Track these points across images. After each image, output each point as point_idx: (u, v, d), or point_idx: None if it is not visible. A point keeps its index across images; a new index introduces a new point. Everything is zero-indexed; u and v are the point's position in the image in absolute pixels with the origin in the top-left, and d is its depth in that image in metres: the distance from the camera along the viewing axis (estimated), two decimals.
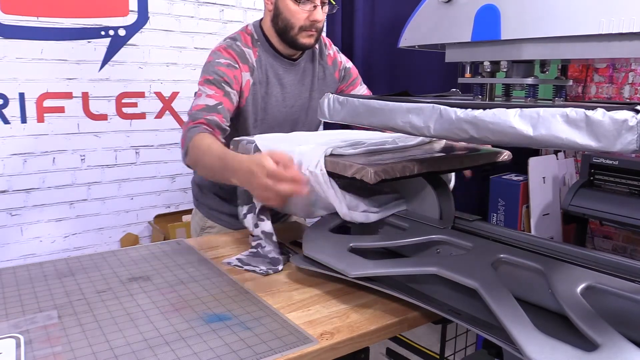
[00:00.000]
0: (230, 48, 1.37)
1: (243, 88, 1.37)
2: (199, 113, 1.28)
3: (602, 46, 0.70)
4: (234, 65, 1.35)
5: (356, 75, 1.61)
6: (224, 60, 1.34)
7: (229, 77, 1.33)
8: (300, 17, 1.33)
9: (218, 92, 1.31)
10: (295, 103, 1.48)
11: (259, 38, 1.42)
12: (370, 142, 1.14)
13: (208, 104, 1.29)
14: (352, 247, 0.98)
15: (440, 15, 0.87)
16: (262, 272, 1.07)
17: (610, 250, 2.66)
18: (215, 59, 1.35)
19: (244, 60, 1.37)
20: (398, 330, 0.92)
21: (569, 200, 2.22)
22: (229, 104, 1.33)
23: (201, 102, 1.30)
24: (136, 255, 1.18)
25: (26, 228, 2.52)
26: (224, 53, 1.36)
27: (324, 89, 1.52)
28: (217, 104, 1.30)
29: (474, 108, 0.74)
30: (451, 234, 0.99)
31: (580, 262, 0.84)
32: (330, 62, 1.54)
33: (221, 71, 1.33)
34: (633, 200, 2.08)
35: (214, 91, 1.31)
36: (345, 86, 1.60)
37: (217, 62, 1.34)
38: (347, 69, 1.58)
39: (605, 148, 0.62)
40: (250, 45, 1.40)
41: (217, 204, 1.56)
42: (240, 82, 1.36)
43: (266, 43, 1.42)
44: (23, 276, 1.05)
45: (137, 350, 0.78)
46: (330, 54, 1.55)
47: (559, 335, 0.67)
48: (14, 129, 2.43)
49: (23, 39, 2.39)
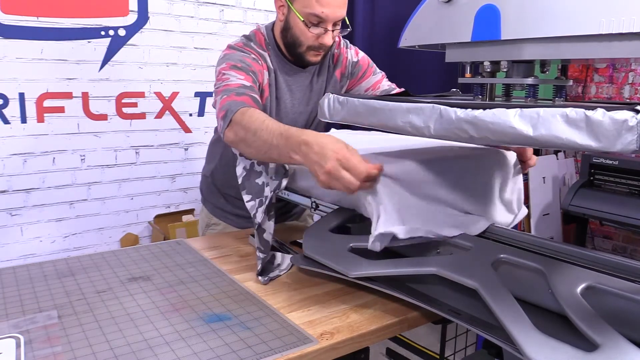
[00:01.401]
0: (249, 46, 1.33)
1: (264, 87, 1.33)
2: (240, 89, 1.19)
3: (602, 46, 0.70)
4: (258, 61, 1.31)
5: (367, 65, 1.54)
6: (248, 54, 1.30)
7: (255, 69, 1.28)
8: (309, 38, 1.29)
9: (248, 78, 1.24)
10: (304, 110, 1.46)
11: (270, 42, 1.39)
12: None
13: (244, 84, 1.21)
14: (352, 247, 0.98)
15: (440, 15, 0.87)
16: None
17: (610, 250, 2.66)
18: (238, 52, 1.30)
19: (263, 59, 1.34)
20: (398, 330, 0.92)
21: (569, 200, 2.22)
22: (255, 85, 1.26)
23: (234, 82, 1.21)
24: (136, 255, 1.18)
25: (26, 228, 2.52)
26: (245, 49, 1.32)
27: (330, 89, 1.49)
28: (252, 86, 1.23)
29: (474, 108, 0.74)
30: None
31: (580, 262, 0.84)
32: (335, 60, 1.52)
33: (247, 62, 1.27)
34: (633, 200, 2.08)
35: (243, 76, 1.23)
36: (356, 80, 1.54)
37: (242, 54, 1.29)
38: (354, 64, 1.53)
39: (605, 148, 0.62)
40: (264, 47, 1.37)
41: (222, 202, 1.56)
42: (262, 78, 1.32)
43: (276, 48, 1.39)
44: (23, 276, 1.05)
45: (137, 350, 0.78)
46: (336, 53, 1.52)
47: (559, 335, 0.67)
48: (14, 129, 2.43)
49: (23, 39, 2.39)
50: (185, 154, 2.96)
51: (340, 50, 1.51)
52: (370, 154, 1.09)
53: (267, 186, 1.16)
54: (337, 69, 1.52)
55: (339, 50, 1.51)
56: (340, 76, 1.52)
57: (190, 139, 2.96)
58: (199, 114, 2.97)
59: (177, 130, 2.90)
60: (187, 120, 2.93)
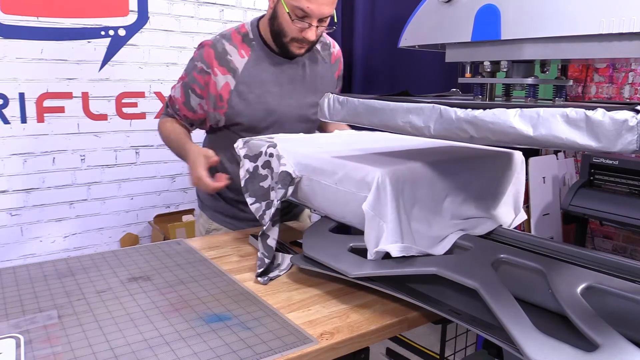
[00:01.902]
0: (214, 48, 1.38)
1: (220, 91, 1.38)
2: (169, 108, 1.50)
3: (602, 46, 0.70)
4: (207, 71, 1.38)
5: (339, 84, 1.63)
6: (200, 64, 1.39)
7: (198, 84, 1.40)
8: (293, 30, 1.31)
9: (182, 97, 1.43)
10: (296, 102, 1.47)
11: (254, 37, 1.41)
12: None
13: (174, 105, 1.47)
14: (352, 247, 0.98)
15: (440, 15, 0.87)
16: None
17: (610, 250, 2.66)
18: (194, 60, 1.41)
19: (222, 62, 1.37)
20: (398, 330, 0.92)
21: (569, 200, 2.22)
22: (187, 111, 1.45)
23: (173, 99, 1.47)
24: (136, 255, 1.18)
25: (26, 228, 2.53)
26: (204, 55, 1.38)
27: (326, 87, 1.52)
28: (178, 110, 1.47)
29: (474, 108, 0.74)
30: None
31: (580, 262, 0.84)
32: (333, 60, 1.54)
33: (193, 76, 1.40)
34: (633, 200, 2.08)
35: (180, 94, 1.44)
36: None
37: (194, 64, 1.40)
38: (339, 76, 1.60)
39: (605, 148, 0.62)
40: (238, 44, 1.39)
41: (222, 206, 1.56)
42: (212, 87, 1.38)
43: (261, 42, 1.41)
44: (23, 276, 1.05)
45: (137, 350, 0.78)
46: (334, 53, 1.54)
47: (559, 335, 0.67)
48: (14, 129, 2.43)
49: (23, 39, 2.39)
50: None
51: (338, 53, 1.55)
52: (373, 154, 1.09)
53: (272, 190, 1.15)
54: (336, 71, 1.55)
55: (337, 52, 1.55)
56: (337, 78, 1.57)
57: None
58: None
59: None
60: None
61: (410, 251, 0.90)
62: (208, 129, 1.52)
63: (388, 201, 0.91)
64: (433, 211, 0.99)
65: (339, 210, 1.05)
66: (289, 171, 1.10)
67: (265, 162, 1.17)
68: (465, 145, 1.19)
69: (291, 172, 1.11)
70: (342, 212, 1.05)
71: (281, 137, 1.28)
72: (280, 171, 1.11)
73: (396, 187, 0.92)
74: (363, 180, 0.95)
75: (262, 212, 1.15)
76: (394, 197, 0.92)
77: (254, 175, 1.19)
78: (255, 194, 1.17)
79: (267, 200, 1.15)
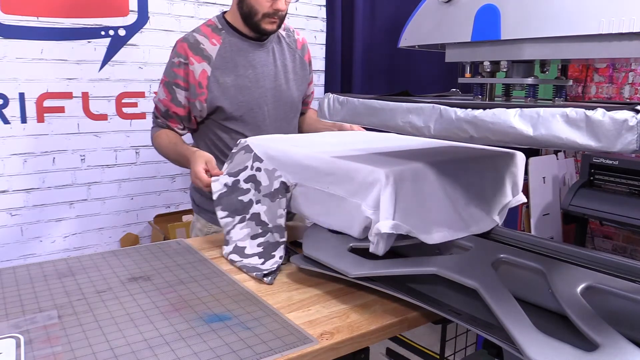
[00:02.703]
0: (186, 41, 1.46)
1: (199, 79, 1.45)
2: (158, 118, 1.55)
3: (602, 46, 0.70)
4: (184, 62, 1.45)
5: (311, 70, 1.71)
6: (177, 59, 1.46)
7: (180, 77, 1.46)
8: (264, 5, 1.39)
9: (168, 96, 1.48)
10: (271, 84, 1.54)
11: (223, 27, 1.49)
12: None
13: (161, 110, 1.52)
14: (352, 247, 0.98)
15: (440, 15, 0.87)
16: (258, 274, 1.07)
17: (610, 250, 2.66)
18: (171, 59, 1.48)
19: (197, 51, 1.45)
20: (398, 330, 0.92)
21: (569, 200, 2.22)
22: (176, 108, 1.49)
23: (158, 104, 1.52)
24: (136, 255, 1.18)
25: (26, 228, 2.52)
26: (178, 49, 1.46)
27: (298, 70, 1.61)
28: (167, 110, 1.50)
29: (474, 108, 0.74)
30: None
31: (580, 262, 0.84)
32: (299, 46, 1.63)
33: (173, 72, 1.47)
34: (633, 200, 2.08)
35: (165, 95, 1.49)
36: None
37: (172, 62, 1.48)
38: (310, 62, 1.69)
39: (605, 148, 0.62)
40: (208, 34, 1.48)
41: None
42: (191, 77, 1.45)
43: (231, 30, 1.49)
44: (23, 276, 1.05)
45: (137, 350, 0.78)
46: (299, 39, 1.64)
47: (559, 335, 0.67)
48: (14, 129, 2.42)
49: (23, 39, 2.39)
50: None
51: (303, 39, 1.65)
52: (376, 154, 1.09)
53: (257, 203, 1.17)
54: (305, 54, 1.65)
55: (301, 39, 1.65)
56: (308, 62, 1.67)
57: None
58: None
59: None
60: None
61: (400, 229, 0.90)
62: (195, 125, 1.57)
63: (390, 201, 0.91)
64: (434, 211, 0.99)
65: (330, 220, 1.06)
66: (284, 180, 1.13)
67: (249, 176, 1.19)
68: (465, 145, 1.19)
69: (285, 180, 1.13)
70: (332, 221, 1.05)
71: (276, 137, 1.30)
72: (278, 183, 1.14)
73: (398, 188, 0.92)
74: (364, 181, 0.95)
75: (231, 226, 1.18)
76: (396, 197, 0.92)
77: (233, 189, 1.21)
78: (228, 208, 1.20)
79: (244, 215, 1.17)
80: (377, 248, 0.93)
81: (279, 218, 1.13)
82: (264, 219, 1.15)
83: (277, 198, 1.14)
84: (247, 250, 1.14)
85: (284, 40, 1.60)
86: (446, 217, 1.00)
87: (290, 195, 1.14)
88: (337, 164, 1.02)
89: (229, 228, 1.18)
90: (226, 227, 1.19)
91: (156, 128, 1.57)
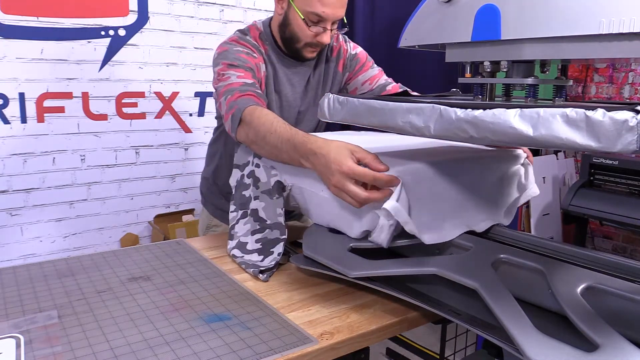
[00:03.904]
0: (243, 40, 1.33)
1: (262, 79, 1.33)
2: (243, 87, 1.17)
3: (602, 46, 0.70)
4: (253, 55, 1.30)
5: (364, 59, 1.54)
6: (242, 49, 1.29)
7: (251, 64, 1.27)
8: (308, 35, 1.30)
9: (247, 74, 1.23)
10: (303, 103, 1.47)
11: (267, 37, 1.39)
12: None
13: (246, 82, 1.20)
14: (352, 247, 0.98)
15: (440, 15, 0.87)
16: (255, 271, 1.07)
17: (610, 250, 2.66)
18: (232, 48, 1.29)
19: (259, 51, 1.34)
20: (398, 330, 0.92)
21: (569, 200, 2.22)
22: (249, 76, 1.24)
23: (235, 81, 1.20)
24: (136, 255, 1.18)
25: (26, 228, 2.53)
26: (239, 43, 1.31)
27: (328, 85, 1.50)
28: (253, 82, 1.22)
29: (474, 108, 0.74)
30: None
31: (580, 262, 0.84)
32: (334, 54, 1.52)
33: (243, 58, 1.26)
34: (633, 200, 2.08)
35: (243, 73, 1.22)
36: (353, 73, 1.55)
37: (236, 49, 1.28)
38: (353, 56, 1.53)
39: (605, 148, 0.62)
40: (259, 40, 1.37)
41: (224, 204, 1.56)
42: (259, 72, 1.31)
43: (274, 43, 1.39)
44: (23, 276, 1.05)
45: (137, 350, 0.78)
46: (335, 46, 1.52)
47: (559, 335, 0.67)
48: (14, 129, 2.43)
49: (23, 39, 2.39)
50: (185, 154, 2.96)
51: (340, 43, 1.52)
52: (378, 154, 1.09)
53: (255, 199, 1.17)
54: (339, 61, 1.52)
55: (338, 44, 1.52)
56: (342, 69, 1.53)
57: (190, 139, 2.96)
58: (199, 114, 2.97)
59: (177, 130, 2.90)
60: (187, 120, 2.93)
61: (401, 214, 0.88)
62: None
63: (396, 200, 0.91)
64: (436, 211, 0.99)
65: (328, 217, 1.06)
66: (280, 180, 1.13)
67: (250, 171, 1.19)
68: (468, 145, 1.19)
69: (282, 180, 1.13)
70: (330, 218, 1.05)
71: None
72: (273, 182, 1.13)
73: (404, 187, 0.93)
74: None
75: (236, 221, 1.18)
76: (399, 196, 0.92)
77: (240, 184, 1.21)
78: (236, 203, 1.20)
79: (245, 210, 1.18)
80: (378, 235, 0.92)
81: (278, 216, 1.13)
82: (262, 216, 1.15)
83: (274, 196, 1.13)
84: (248, 246, 1.15)
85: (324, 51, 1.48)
86: (447, 217, 1.00)
87: (287, 195, 1.14)
88: None
89: (233, 222, 1.19)
90: (232, 221, 1.19)
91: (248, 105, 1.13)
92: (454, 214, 1.01)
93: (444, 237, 0.98)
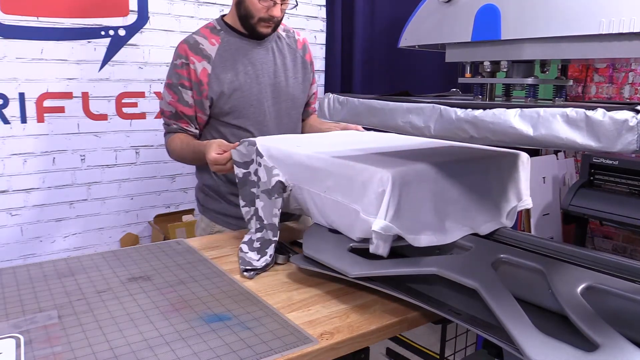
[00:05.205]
0: (186, 43, 1.50)
1: (200, 77, 1.48)
2: (169, 121, 1.55)
3: (602, 46, 0.70)
4: (186, 62, 1.49)
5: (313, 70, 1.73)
6: (178, 60, 1.50)
7: (183, 77, 1.49)
8: (260, 10, 1.45)
9: (174, 97, 1.51)
10: (270, 81, 1.57)
11: (221, 28, 1.54)
12: None
13: (171, 111, 1.52)
14: (352, 247, 0.98)
15: (440, 15, 0.87)
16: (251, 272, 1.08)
17: (610, 250, 2.66)
18: (173, 61, 1.52)
19: (197, 51, 1.49)
20: (398, 330, 0.92)
21: (569, 200, 2.22)
22: (184, 107, 1.51)
23: (166, 108, 1.53)
24: (136, 255, 1.18)
25: (26, 228, 2.52)
26: (179, 51, 1.50)
27: (299, 69, 1.64)
28: (175, 112, 1.52)
29: (474, 108, 0.74)
30: None
31: (580, 262, 0.84)
32: (300, 46, 1.66)
33: (177, 74, 1.50)
34: (633, 200, 2.08)
35: (171, 97, 1.51)
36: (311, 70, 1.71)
37: (174, 64, 1.51)
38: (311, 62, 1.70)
39: (605, 148, 0.62)
40: (207, 35, 1.52)
41: (224, 207, 1.57)
42: (193, 75, 1.49)
43: (230, 30, 1.54)
44: (23, 276, 1.05)
45: (137, 350, 0.78)
46: (299, 40, 1.67)
47: (559, 335, 0.67)
48: (14, 129, 2.42)
49: (23, 39, 2.39)
50: None
51: (303, 39, 1.69)
52: (378, 154, 1.09)
53: (257, 198, 1.18)
54: (306, 54, 1.68)
55: (302, 39, 1.68)
56: (310, 62, 1.69)
57: None
58: None
59: None
60: None
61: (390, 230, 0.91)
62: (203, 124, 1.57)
63: (387, 202, 0.91)
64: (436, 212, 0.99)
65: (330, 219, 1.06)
66: (282, 180, 1.14)
67: (255, 170, 1.20)
68: (468, 145, 1.19)
69: (284, 180, 1.14)
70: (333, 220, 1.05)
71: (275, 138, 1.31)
72: (274, 182, 1.14)
73: (399, 189, 0.92)
74: (365, 182, 0.95)
75: (250, 216, 1.22)
76: (397, 199, 0.92)
77: (245, 181, 1.23)
78: (245, 198, 1.23)
79: (254, 207, 1.19)
80: (376, 248, 0.93)
81: (273, 217, 1.14)
82: (261, 215, 1.16)
83: (273, 197, 1.14)
84: (254, 243, 1.16)
85: (284, 40, 1.63)
86: (450, 218, 1.00)
87: (287, 195, 1.14)
88: (337, 164, 1.02)
89: (248, 217, 1.22)
90: (246, 215, 1.23)
91: (168, 135, 1.57)
92: (456, 216, 1.01)
93: (447, 240, 0.97)
